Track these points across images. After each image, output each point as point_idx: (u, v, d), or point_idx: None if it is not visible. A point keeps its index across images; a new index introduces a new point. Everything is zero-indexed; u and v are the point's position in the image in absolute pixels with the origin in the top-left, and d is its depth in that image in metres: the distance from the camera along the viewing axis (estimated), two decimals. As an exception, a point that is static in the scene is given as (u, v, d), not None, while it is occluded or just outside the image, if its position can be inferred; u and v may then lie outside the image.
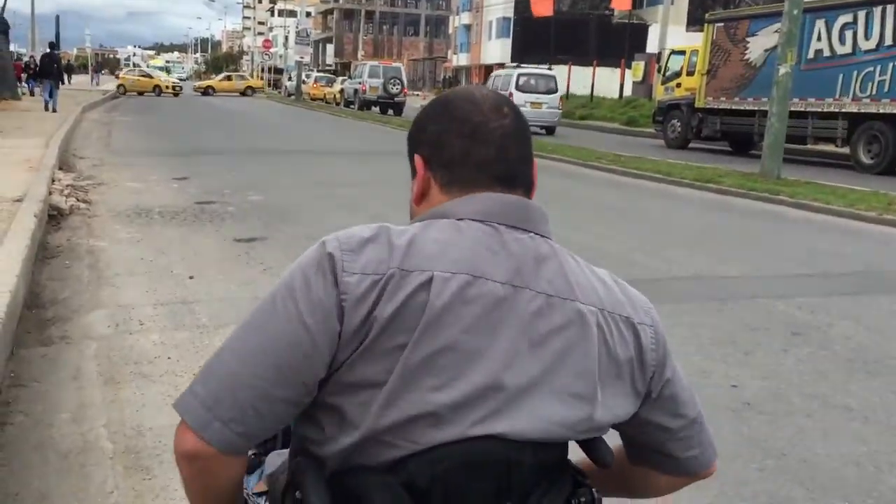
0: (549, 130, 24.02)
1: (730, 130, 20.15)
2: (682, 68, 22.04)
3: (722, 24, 20.32)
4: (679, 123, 21.38)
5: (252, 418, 1.05)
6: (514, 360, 1.07)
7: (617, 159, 14.70)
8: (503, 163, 1.17)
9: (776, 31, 18.58)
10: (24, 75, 32.14)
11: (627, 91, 37.31)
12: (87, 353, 4.10)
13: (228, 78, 52.17)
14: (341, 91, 39.17)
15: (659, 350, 1.18)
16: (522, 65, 29.30)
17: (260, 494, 1.34)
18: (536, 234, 1.15)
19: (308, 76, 47.46)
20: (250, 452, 1.37)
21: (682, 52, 22.53)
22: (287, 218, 8.03)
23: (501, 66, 53.45)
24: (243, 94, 48.19)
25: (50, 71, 22.95)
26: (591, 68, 37.24)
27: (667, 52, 23.22)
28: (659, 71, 23.33)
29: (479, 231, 1.11)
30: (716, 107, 20.04)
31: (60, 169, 10.85)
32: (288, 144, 16.92)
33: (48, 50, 25.71)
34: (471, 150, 1.16)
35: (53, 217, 7.58)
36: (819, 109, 16.81)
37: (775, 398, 3.79)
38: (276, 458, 1.35)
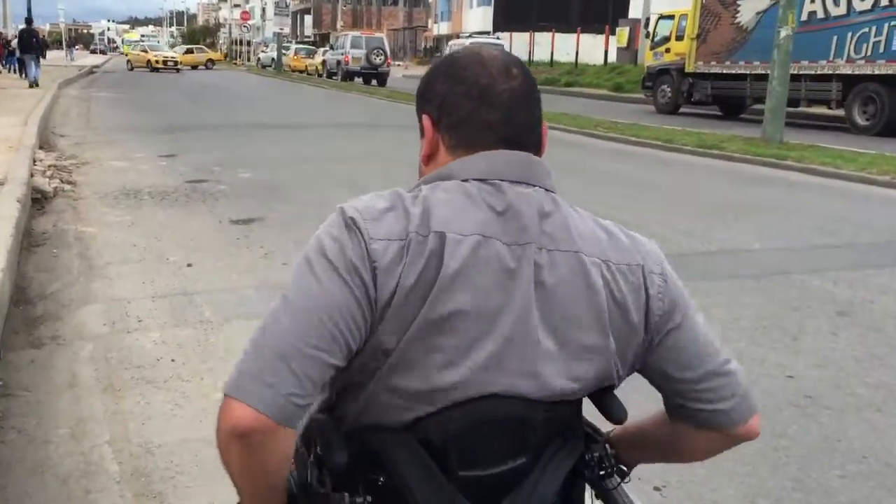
0: None
1: (721, 95, 19.84)
2: (671, 33, 21.68)
3: (711, -14, 19.91)
4: (669, 89, 21.03)
5: (309, 386, 1.03)
6: (525, 317, 1.07)
7: (614, 126, 14.34)
8: (511, 125, 1.15)
9: (767, -6, 18.35)
10: (4, 52, 31.21)
11: (612, 58, 36.84)
12: (81, 355, 3.74)
13: (190, 51, 51.46)
14: (323, 62, 38.46)
15: (665, 299, 1.16)
16: (473, 34, 30.96)
17: None
18: (540, 187, 1.14)
19: (286, 48, 46.66)
20: None
21: (671, 17, 22.09)
22: (281, 196, 7.64)
23: (484, 34, 53.01)
24: (206, 66, 47.93)
25: (30, 45, 22.41)
26: (574, 35, 36.67)
27: (655, 17, 22.77)
28: (647, 36, 22.90)
29: (483, 192, 1.10)
30: (706, 71, 19.72)
31: (41, 148, 10.38)
32: (273, 118, 16.41)
33: (25, 26, 25.16)
34: (478, 112, 1.15)
35: (37, 201, 7.17)
36: (813, 72, 16.50)
37: (837, 389, 3.49)
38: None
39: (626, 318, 1.13)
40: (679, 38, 21.15)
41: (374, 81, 32.04)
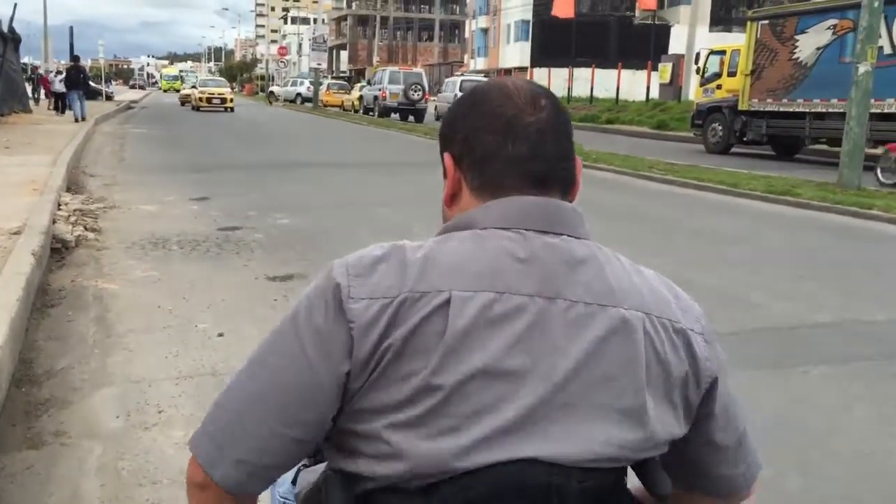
0: None
1: (777, 134, 18.97)
2: (722, 69, 20.93)
3: (767, 21, 19.13)
4: (721, 127, 20.19)
5: (261, 457, 1.01)
6: (552, 377, 0.98)
7: (671, 168, 13.53)
8: (540, 160, 1.07)
9: (829, 28, 17.54)
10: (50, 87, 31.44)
11: (653, 93, 36.11)
12: (88, 462, 3.03)
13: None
14: (360, 98, 38.13)
15: (713, 360, 1.08)
16: (466, 73, 34.03)
17: None
18: (570, 236, 1.05)
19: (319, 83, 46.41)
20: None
21: (722, 52, 21.40)
22: (324, 247, 6.94)
23: (522, 70, 52.66)
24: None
25: (77, 82, 23.35)
26: (613, 71, 35.99)
27: (705, 53, 21.99)
28: (697, 72, 22.12)
29: (503, 240, 1.03)
30: (762, 109, 18.89)
31: (68, 190, 9.85)
32: (312, 156, 15.86)
33: (72, 63, 26.03)
34: (503, 147, 1.07)
35: (57, 251, 6.55)
36: (879, 111, 15.60)
37: None
38: (309, 475, 1.30)
39: (668, 377, 1.04)
40: (731, 74, 20.41)
41: (411, 118, 31.56)
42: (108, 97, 41.53)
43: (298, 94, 49.58)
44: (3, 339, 3.69)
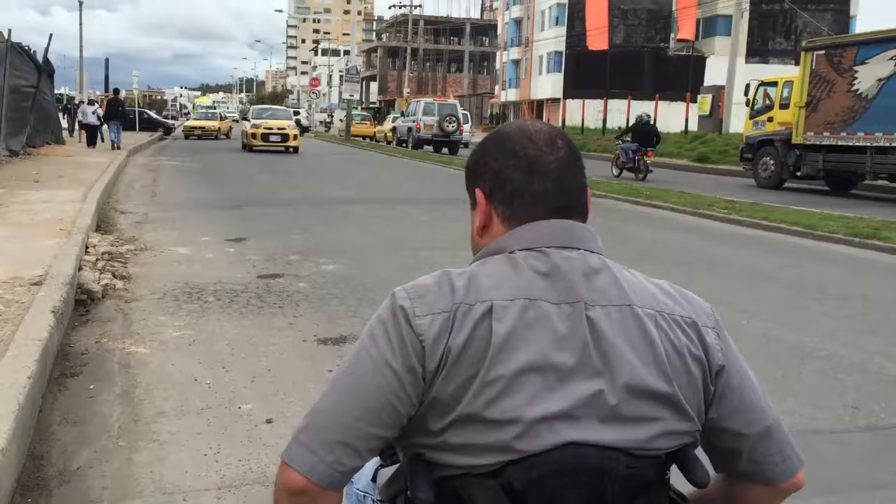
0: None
1: (835, 169, 18.05)
2: (774, 101, 20.08)
3: (823, 52, 18.29)
4: (772, 161, 19.31)
5: (351, 457, 1.17)
6: (588, 370, 1.13)
7: (732, 206, 12.66)
8: (560, 194, 1.25)
9: (892, 59, 16.66)
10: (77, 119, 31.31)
11: (691, 125, 35.26)
12: None
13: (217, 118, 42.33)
14: (393, 129, 37.64)
15: (725, 351, 1.22)
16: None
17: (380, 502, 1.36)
18: (585, 250, 1.22)
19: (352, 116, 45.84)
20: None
21: (774, 84, 20.57)
22: (377, 299, 6.18)
23: (555, 101, 52.05)
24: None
25: (116, 113, 24.89)
26: (648, 102, 35.16)
27: (755, 84, 21.14)
28: (747, 104, 21.26)
29: (530, 258, 1.20)
30: (817, 143, 17.99)
31: (98, 229, 9.22)
32: (350, 192, 15.17)
33: (113, 95, 27.86)
34: (529, 183, 1.24)
35: (82, 302, 5.87)
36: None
37: None
38: (387, 472, 1.40)
39: (686, 366, 1.18)
40: (784, 106, 19.57)
41: (444, 150, 30.96)
42: (168, 131, 40.94)
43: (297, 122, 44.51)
44: (6, 441, 2.95)
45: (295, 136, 28.04)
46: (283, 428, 3.64)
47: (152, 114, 48.33)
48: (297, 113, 48.44)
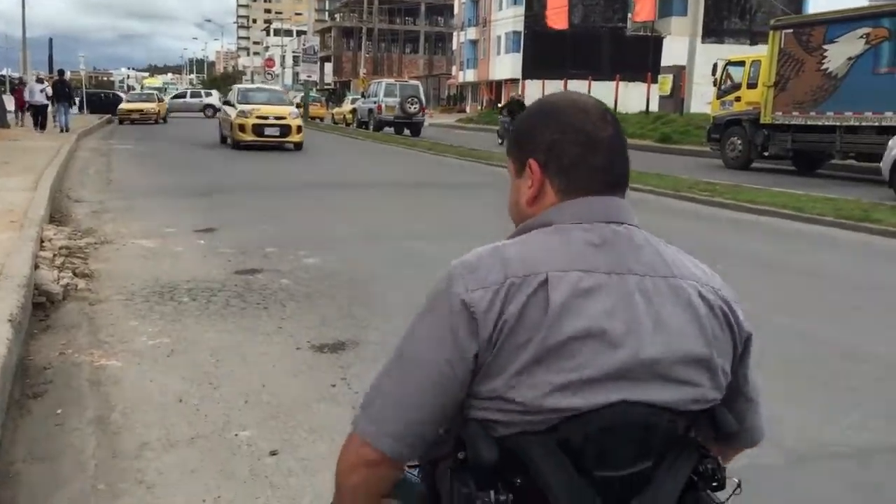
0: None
1: (803, 149, 17.91)
2: (741, 80, 19.85)
3: (791, 30, 18.09)
4: (740, 141, 19.10)
5: (419, 428, 1.21)
6: (641, 336, 1.18)
7: (713, 189, 12.34)
8: (615, 167, 1.29)
9: (861, 37, 16.49)
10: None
11: (653, 106, 35.11)
12: None
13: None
14: (353, 111, 36.80)
15: (747, 321, 1.30)
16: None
17: (413, 467, 1.41)
18: (630, 225, 1.27)
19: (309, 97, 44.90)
20: None
21: (741, 63, 20.33)
22: (370, 300, 5.65)
23: (514, 81, 51.60)
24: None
25: (62, 94, 24.70)
26: (608, 83, 34.90)
27: (722, 64, 20.90)
28: (714, 84, 21.03)
29: (580, 231, 1.24)
30: (786, 122, 17.82)
31: (52, 220, 8.52)
32: (318, 176, 14.52)
33: (58, 76, 27.24)
34: (585, 157, 1.27)
35: (40, 306, 5.26)
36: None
37: None
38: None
39: (723, 333, 1.26)
40: (751, 85, 19.35)
41: (406, 131, 30.32)
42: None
43: (210, 106, 42.47)
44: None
45: (298, 129, 20.67)
46: (292, 462, 3.12)
47: (122, 94, 46.43)
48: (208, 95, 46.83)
